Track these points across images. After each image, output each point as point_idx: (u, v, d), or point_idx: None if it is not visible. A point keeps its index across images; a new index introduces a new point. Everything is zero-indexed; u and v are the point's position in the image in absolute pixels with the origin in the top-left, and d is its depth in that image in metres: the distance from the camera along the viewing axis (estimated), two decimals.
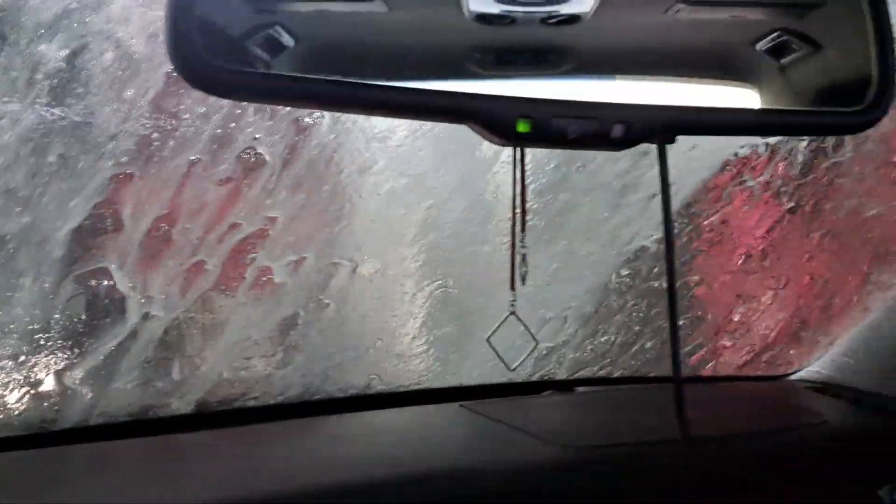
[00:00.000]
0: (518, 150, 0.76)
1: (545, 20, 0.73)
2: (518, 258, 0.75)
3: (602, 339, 1.71)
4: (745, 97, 0.81)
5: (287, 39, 0.68)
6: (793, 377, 1.80)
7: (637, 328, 1.73)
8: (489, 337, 0.82)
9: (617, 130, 0.69)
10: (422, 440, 1.37)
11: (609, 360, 1.73)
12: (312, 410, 1.48)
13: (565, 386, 1.67)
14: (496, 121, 0.68)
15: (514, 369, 0.87)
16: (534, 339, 0.85)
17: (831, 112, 0.77)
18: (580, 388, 1.66)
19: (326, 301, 1.45)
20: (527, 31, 0.74)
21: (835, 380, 1.74)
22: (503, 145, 0.71)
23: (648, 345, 1.75)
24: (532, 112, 0.68)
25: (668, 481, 1.19)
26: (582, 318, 1.69)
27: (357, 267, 1.46)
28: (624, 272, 1.67)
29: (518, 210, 0.75)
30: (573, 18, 0.73)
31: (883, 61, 0.74)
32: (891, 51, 0.74)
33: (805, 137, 1.51)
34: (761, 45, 0.79)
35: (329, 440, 1.38)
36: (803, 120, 0.79)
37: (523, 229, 0.76)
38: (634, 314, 1.72)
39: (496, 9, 0.70)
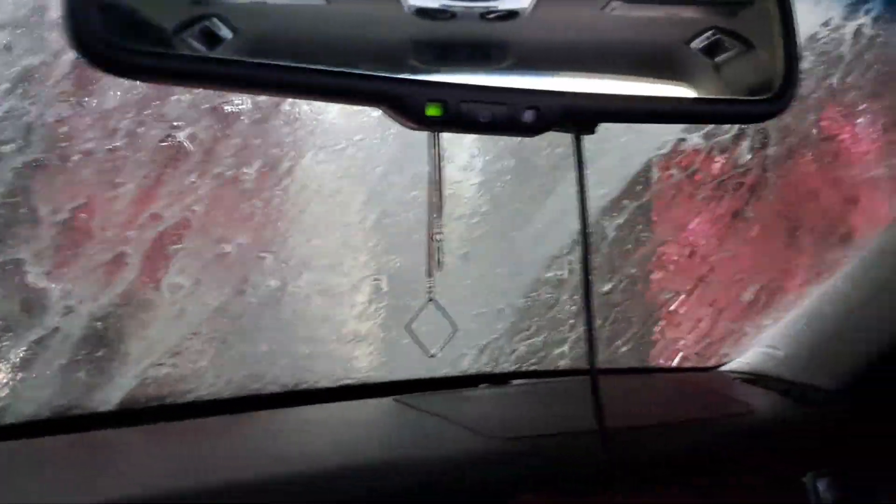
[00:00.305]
0: (435, 135, 0.77)
1: (484, 15, 0.74)
2: (434, 245, 0.76)
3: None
4: (679, 94, 0.82)
5: (225, 32, 0.68)
6: (724, 368, 1.84)
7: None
8: (408, 325, 0.82)
9: (528, 116, 0.70)
10: (354, 434, 1.37)
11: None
12: (243, 406, 1.47)
13: (501, 379, 1.69)
14: (406, 104, 0.68)
15: (433, 355, 0.87)
16: (453, 325, 0.86)
17: (742, 101, 0.79)
18: (515, 381, 1.68)
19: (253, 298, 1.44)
20: (466, 25, 0.74)
21: (765, 371, 1.78)
22: (415, 129, 0.71)
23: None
24: (442, 96, 0.68)
25: (587, 471, 1.22)
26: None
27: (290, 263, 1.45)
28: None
29: (434, 197, 0.76)
30: (511, 14, 0.74)
31: (788, 54, 0.76)
32: (794, 44, 0.76)
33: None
34: (696, 44, 0.81)
35: (260, 436, 1.37)
36: (715, 109, 0.81)
37: (440, 215, 0.76)
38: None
39: (435, 3, 0.71)
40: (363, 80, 0.69)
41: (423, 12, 0.71)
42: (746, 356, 1.82)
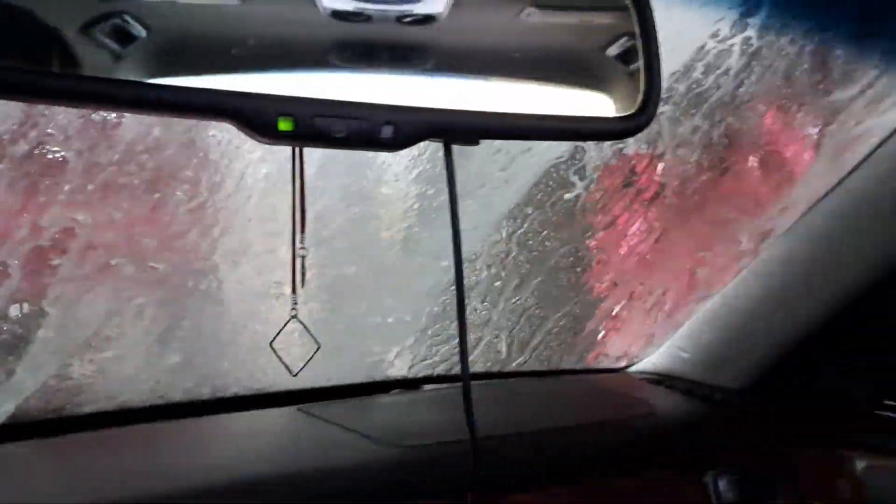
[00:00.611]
0: (296, 150, 0.76)
1: (400, 19, 0.74)
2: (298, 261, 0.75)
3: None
4: (592, 102, 0.83)
5: (138, 30, 0.67)
6: (632, 370, 1.87)
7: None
8: (271, 342, 0.82)
9: (386, 132, 0.70)
10: (254, 446, 1.36)
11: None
12: (142, 417, 1.43)
13: (413, 385, 1.69)
14: (257, 119, 0.67)
15: (296, 374, 0.87)
16: (316, 342, 0.85)
17: (604, 119, 0.80)
18: (427, 387, 1.68)
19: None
20: (382, 29, 0.74)
21: (671, 371, 1.82)
22: (266, 143, 0.71)
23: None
24: (294, 110, 0.67)
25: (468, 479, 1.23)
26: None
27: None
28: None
29: (297, 212, 0.75)
30: (428, 18, 0.75)
31: (650, 73, 0.77)
32: (657, 59, 0.78)
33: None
34: (611, 51, 0.82)
35: (161, 447, 1.34)
36: (578, 126, 0.81)
37: (303, 230, 0.75)
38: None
39: (350, 6, 0.71)
40: (213, 95, 0.68)
41: (338, 14, 0.71)
42: (653, 357, 1.86)
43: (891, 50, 1.37)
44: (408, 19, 0.75)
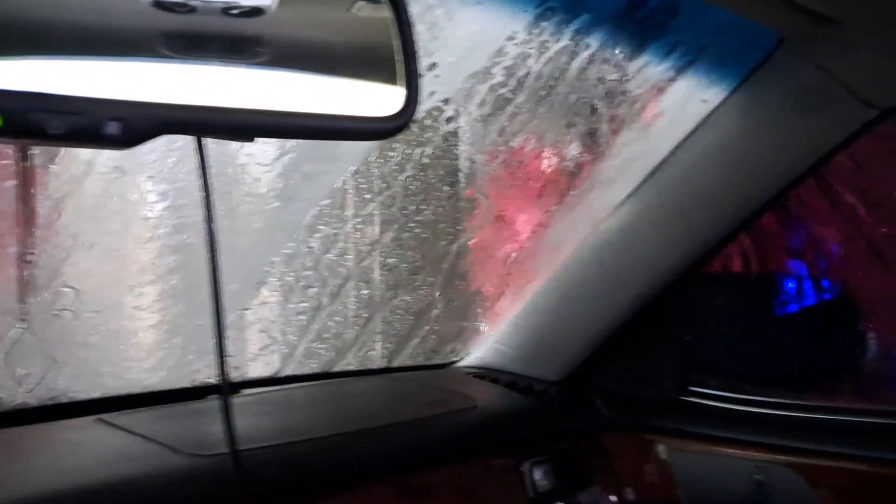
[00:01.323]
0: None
1: (226, 10, 0.72)
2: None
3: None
4: (367, 101, 0.82)
5: None
6: (460, 364, 1.91)
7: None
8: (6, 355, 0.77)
9: (112, 128, 0.66)
10: (49, 460, 1.28)
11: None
12: None
13: (232, 389, 1.64)
14: None
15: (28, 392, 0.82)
16: (51, 359, 0.81)
17: (368, 119, 0.80)
18: (244, 392, 1.64)
19: None
20: (206, 20, 0.72)
21: (495, 365, 1.87)
22: None
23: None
24: (5, 104, 0.63)
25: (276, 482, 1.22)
26: None
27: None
28: None
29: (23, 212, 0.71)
30: (256, 11, 0.73)
31: (409, 75, 0.78)
32: (415, 66, 0.78)
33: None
34: (384, 53, 0.81)
35: None
36: (343, 125, 0.80)
37: (32, 235, 0.71)
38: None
39: None
40: None
41: (161, 4, 0.69)
42: (479, 352, 1.90)
43: (684, 51, 1.44)
44: (234, 11, 0.73)
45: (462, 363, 1.90)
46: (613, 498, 1.71)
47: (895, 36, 1.28)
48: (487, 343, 1.87)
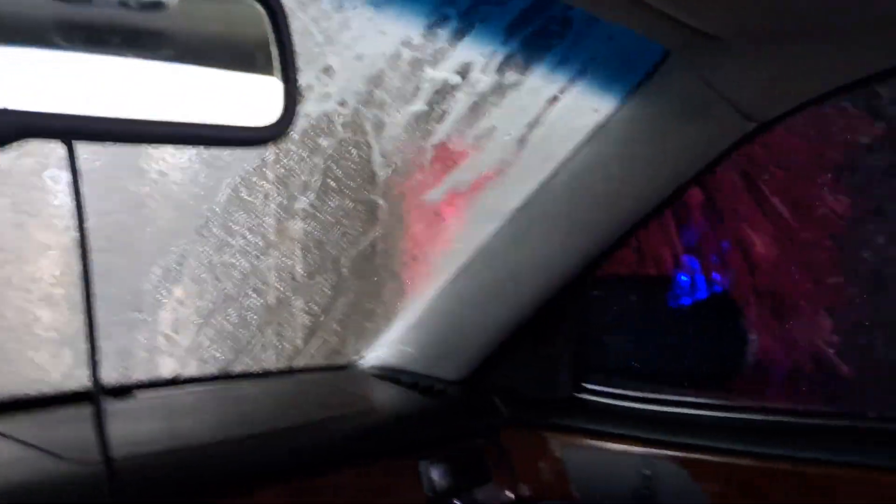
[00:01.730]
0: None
1: (123, 3, 0.71)
2: None
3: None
4: (246, 108, 0.81)
5: None
6: (360, 365, 1.91)
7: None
8: None
9: None
10: None
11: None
12: None
13: (123, 392, 1.60)
14: None
15: None
16: None
17: (244, 128, 0.79)
18: (139, 394, 1.60)
19: None
20: (103, 12, 0.70)
21: (396, 365, 1.88)
22: None
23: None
24: None
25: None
26: None
27: None
28: None
29: None
30: (156, 5, 0.72)
31: (287, 83, 0.78)
32: (293, 69, 0.78)
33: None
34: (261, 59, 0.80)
35: None
36: (217, 133, 0.79)
37: None
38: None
39: None
40: None
41: None
42: (381, 352, 1.90)
43: (576, 61, 1.48)
44: (133, 5, 0.71)
45: (364, 364, 1.90)
46: (510, 494, 1.74)
47: (774, 53, 1.35)
48: (389, 343, 1.88)
